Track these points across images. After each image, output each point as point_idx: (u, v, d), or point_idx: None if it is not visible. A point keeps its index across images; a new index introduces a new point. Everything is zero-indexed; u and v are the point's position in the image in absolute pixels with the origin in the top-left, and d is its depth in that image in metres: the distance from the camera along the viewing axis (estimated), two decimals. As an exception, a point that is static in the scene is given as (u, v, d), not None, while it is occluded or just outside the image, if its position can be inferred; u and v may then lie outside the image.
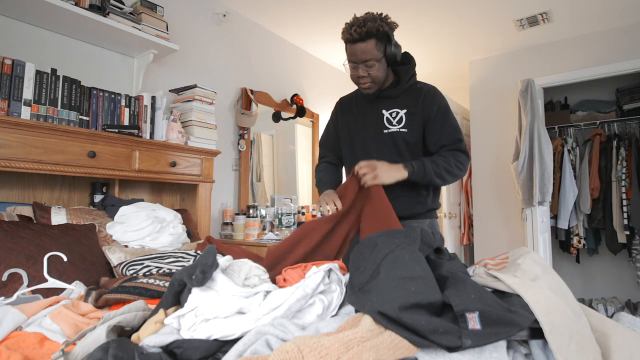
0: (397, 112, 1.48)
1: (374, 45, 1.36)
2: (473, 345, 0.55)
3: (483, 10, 2.98)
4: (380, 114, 1.50)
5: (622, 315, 0.81)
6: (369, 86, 1.44)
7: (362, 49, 1.36)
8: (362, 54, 1.37)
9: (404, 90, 1.49)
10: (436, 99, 1.47)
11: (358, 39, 1.35)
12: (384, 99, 1.51)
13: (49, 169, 1.62)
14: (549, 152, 3.29)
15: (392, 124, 1.48)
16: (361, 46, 1.36)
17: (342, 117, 1.64)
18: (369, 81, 1.42)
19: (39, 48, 1.92)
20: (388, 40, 1.39)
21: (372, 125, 1.52)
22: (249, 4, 2.91)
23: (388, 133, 1.49)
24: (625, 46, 3.21)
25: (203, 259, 0.81)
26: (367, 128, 1.53)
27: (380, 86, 1.47)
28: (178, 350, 0.69)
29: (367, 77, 1.41)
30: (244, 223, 2.58)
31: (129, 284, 1.12)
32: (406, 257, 0.71)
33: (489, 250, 3.76)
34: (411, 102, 1.47)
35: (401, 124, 1.47)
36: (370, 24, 1.34)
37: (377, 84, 1.45)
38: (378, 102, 1.52)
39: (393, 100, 1.50)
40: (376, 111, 1.52)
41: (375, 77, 1.42)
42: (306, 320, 0.74)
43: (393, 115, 1.49)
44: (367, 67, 1.39)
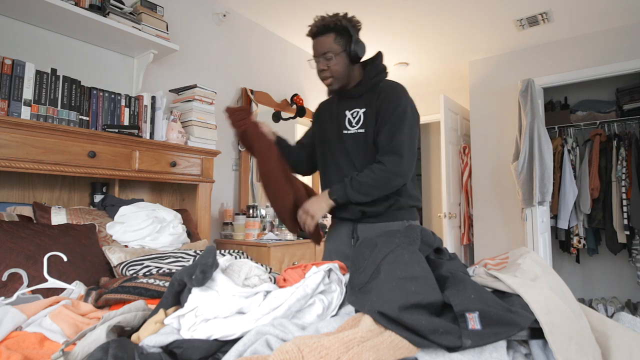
0: (357, 111, 1.46)
1: (332, 39, 1.39)
2: (473, 345, 0.55)
3: (483, 10, 2.98)
4: (343, 114, 1.48)
5: (622, 315, 0.81)
6: (330, 81, 1.43)
7: (321, 42, 1.40)
8: (320, 47, 1.40)
9: (366, 89, 1.45)
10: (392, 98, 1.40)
11: (316, 33, 1.41)
12: (349, 99, 1.48)
13: (49, 169, 1.62)
14: (549, 152, 3.29)
15: (352, 125, 1.46)
16: (320, 39, 1.40)
17: (317, 121, 1.62)
18: (329, 75, 1.42)
19: (39, 48, 1.92)
20: (349, 36, 1.40)
21: (335, 127, 1.50)
22: (249, 4, 2.91)
23: (347, 134, 1.46)
24: (625, 46, 3.21)
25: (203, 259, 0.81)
26: (332, 130, 1.51)
27: (342, 83, 1.44)
28: (178, 350, 0.69)
29: (327, 71, 1.41)
30: (244, 223, 2.58)
31: (129, 284, 1.12)
32: (406, 257, 0.71)
33: (489, 250, 3.76)
34: (370, 101, 1.43)
35: (359, 124, 1.44)
36: (329, 19, 1.40)
37: (338, 80, 1.43)
38: (343, 102, 1.50)
39: (356, 99, 1.47)
40: (341, 112, 1.50)
41: (335, 71, 1.40)
42: (306, 320, 0.74)
43: (354, 116, 1.46)
44: (326, 60, 1.40)
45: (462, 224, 4.08)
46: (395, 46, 3.63)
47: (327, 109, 1.58)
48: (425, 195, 5.72)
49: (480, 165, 3.90)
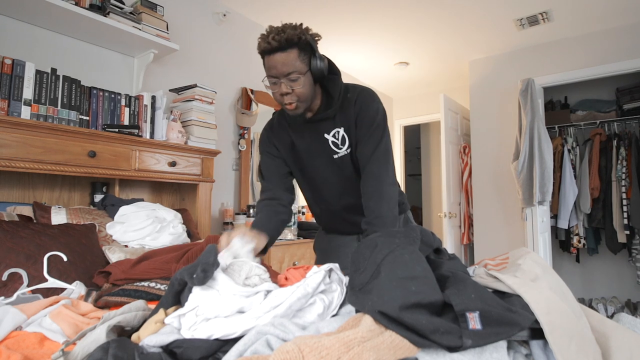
0: (337, 131, 1.32)
1: (296, 55, 1.16)
2: (473, 345, 0.55)
3: (483, 10, 2.98)
4: (324, 139, 1.33)
5: (622, 315, 0.81)
6: (295, 106, 1.22)
7: (283, 59, 1.16)
8: (283, 65, 1.16)
9: (338, 106, 1.30)
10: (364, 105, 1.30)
11: (277, 48, 1.15)
12: (322, 121, 1.32)
13: (49, 169, 1.62)
14: (549, 152, 3.29)
15: (338, 147, 1.33)
16: (282, 56, 1.15)
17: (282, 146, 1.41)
18: (294, 100, 1.21)
19: (39, 48, 1.92)
20: (312, 52, 1.21)
21: (320, 152, 1.35)
22: (249, 4, 2.91)
23: (338, 158, 1.34)
24: (625, 46, 3.21)
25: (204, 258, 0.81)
26: (317, 157, 1.36)
27: (307, 104, 1.26)
28: (178, 349, 0.69)
29: (291, 95, 1.20)
30: (245, 223, 2.59)
31: (129, 287, 1.12)
32: (406, 257, 0.71)
33: (489, 250, 3.77)
34: (346, 117, 1.30)
35: (345, 144, 1.32)
36: (290, 31, 1.15)
37: (303, 103, 1.23)
38: (315, 125, 1.33)
39: (332, 121, 1.31)
40: (318, 136, 1.34)
41: (301, 94, 1.20)
42: (307, 319, 0.74)
43: (336, 137, 1.32)
44: (291, 82, 1.18)
45: (462, 223, 4.08)
46: (395, 46, 3.63)
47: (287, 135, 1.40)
48: (425, 195, 5.73)
49: (480, 164, 3.90)
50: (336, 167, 1.36)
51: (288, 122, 1.39)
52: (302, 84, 1.19)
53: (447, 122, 3.85)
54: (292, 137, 1.38)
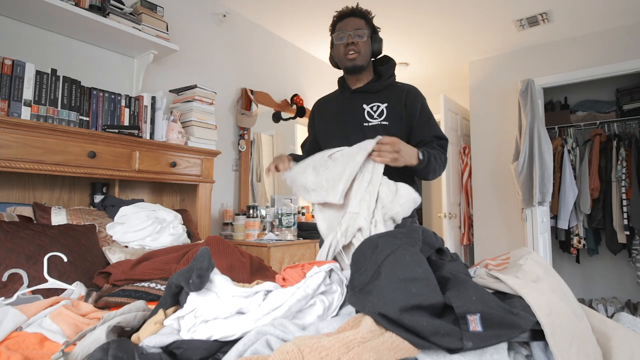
0: (378, 105, 1.48)
1: (364, 23, 1.47)
2: (474, 347, 0.55)
3: (483, 10, 2.98)
4: (361, 108, 1.50)
5: (622, 315, 0.81)
6: (356, 56, 1.45)
7: (354, 21, 1.46)
8: (353, 24, 1.45)
9: (384, 86, 1.50)
10: (419, 98, 1.49)
11: (351, 13, 1.47)
12: (365, 93, 1.51)
13: (49, 169, 1.61)
14: (549, 152, 3.29)
15: (373, 117, 1.47)
16: (352, 19, 1.46)
17: (320, 118, 1.63)
18: (356, 50, 1.44)
19: (39, 48, 1.92)
20: (374, 31, 1.50)
21: (351, 120, 1.51)
22: (249, 4, 2.91)
23: (369, 126, 1.47)
24: (625, 46, 3.21)
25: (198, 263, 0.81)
26: (347, 123, 1.52)
27: (364, 63, 1.48)
28: (178, 350, 0.69)
29: (355, 46, 1.44)
30: (244, 223, 2.58)
31: (130, 288, 1.12)
32: (407, 258, 0.70)
33: (489, 250, 3.76)
34: (393, 98, 1.48)
35: (382, 116, 1.46)
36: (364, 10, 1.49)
37: (362, 58, 1.46)
38: (358, 97, 1.52)
39: (374, 94, 1.50)
40: (356, 106, 1.51)
41: (362, 47, 1.45)
42: (306, 321, 0.74)
43: (374, 109, 1.48)
44: (358, 37, 1.44)
45: (462, 224, 4.08)
46: (395, 46, 3.63)
47: (334, 104, 1.59)
48: (425, 195, 5.73)
49: (480, 165, 3.90)
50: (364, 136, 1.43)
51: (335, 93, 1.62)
52: (365, 40, 1.45)
53: (447, 123, 3.85)
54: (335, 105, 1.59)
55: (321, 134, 1.62)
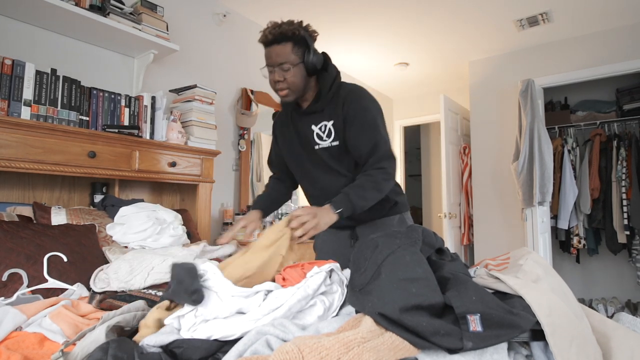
0: (324, 124, 1.39)
1: (290, 48, 1.31)
2: (474, 347, 0.55)
3: (483, 10, 2.98)
4: (310, 130, 1.42)
5: (622, 315, 0.81)
6: (286, 93, 1.34)
7: (277, 51, 1.31)
8: (277, 56, 1.31)
9: (328, 100, 1.39)
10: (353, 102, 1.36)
11: (273, 41, 1.31)
12: (312, 114, 1.42)
13: (49, 169, 1.61)
14: (549, 152, 3.29)
15: (322, 139, 1.39)
16: (276, 48, 1.31)
17: (281, 135, 1.56)
18: (285, 87, 1.33)
19: (39, 48, 1.92)
20: (306, 47, 1.34)
21: (304, 142, 1.44)
22: (249, 4, 2.91)
23: (320, 149, 1.40)
24: (625, 46, 3.21)
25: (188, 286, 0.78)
26: (300, 146, 1.46)
27: (298, 95, 1.37)
28: (178, 350, 0.69)
29: (283, 82, 1.32)
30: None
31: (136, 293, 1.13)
32: (407, 258, 0.70)
33: (489, 250, 3.76)
34: (335, 112, 1.38)
35: (331, 137, 1.38)
36: (286, 27, 1.30)
37: (294, 92, 1.35)
38: (307, 117, 1.43)
39: (320, 113, 1.40)
40: (306, 128, 1.43)
41: (292, 82, 1.32)
42: (307, 321, 0.74)
43: (322, 130, 1.40)
44: (283, 71, 1.31)
45: (462, 224, 4.08)
46: (395, 46, 3.63)
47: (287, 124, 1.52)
48: (425, 195, 5.73)
49: (480, 165, 3.90)
50: (317, 157, 1.43)
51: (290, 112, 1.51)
52: (293, 74, 1.32)
53: (447, 123, 3.85)
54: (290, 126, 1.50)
55: (284, 152, 1.56)
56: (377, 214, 1.43)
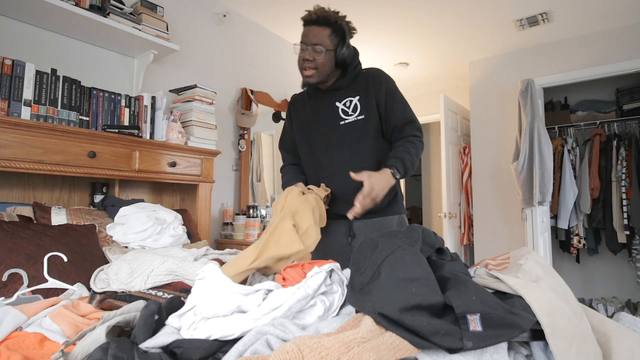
0: (350, 100, 1.44)
1: (327, 33, 1.36)
2: (474, 347, 0.55)
3: (483, 10, 2.98)
4: (334, 106, 1.46)
5: (622, 315, 0.81)
6: (312, 73, 1.38)
7: (315, 32, 1.36)
8: (313, 36, 1.36)
9: (352, 78, 1.46)
10: (382, 80, 1.45)
11: (315, 21, 1.36)
12: (335, 91, 1.47)
13: (49, 169, 1.61)
14: (549, 152, 3.29)
15: (348, 114, 1.44)
16: (315, 29, 1.36)
17: (296, 116, 1.59)
18: (312, 67, 1.37)
19: (39, 48, 1.92)
20: (343, 38, 1.39)
21: (327, 119, 1.47)
22: (249, 4, 2.91)
23: (345, 124, 1.44)
24: (625, 46, 3.21)
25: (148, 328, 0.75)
26: (323, 123, 1.48)
27: (322, 79, 1.42)
28: (178, 350, 0.69)
29: (311, 62, 1.37)
30: (244, 223, 2.58)
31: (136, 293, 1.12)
32: (407, 258, 0.70)
33: (489, 250, 3.76)
34: (362, 88, 1.44)
35: (357, 111, 1.43)
36: (331, 13, 1.37)
37: (319, 74, 1.39)
38: (329, 95, 1.48)
39: (344, 90, 1.46)
40: (329, 104, 1.47)
41: (320, 64, 1.37)
42: (307, 321, 0.74)
43: (347, 105, 1.44)
44: (315, 52, 1.36)
45: (462, 224, 4.08)
46: (395, 46, 3.63)
47: (307, 103, 1.55)
48: (425, 195, 5.72)
49: (480, 165, 3.90)
50: (342, 135, 1.45)
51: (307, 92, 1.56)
52: (323, 57, 1.36)
53: (447, 123, 3.85)
54: (308, 107, 1.54)
55: (298, 134, 1.58)
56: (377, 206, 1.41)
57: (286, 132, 1.66)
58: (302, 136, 1.56)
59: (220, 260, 1.32)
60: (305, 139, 1.55)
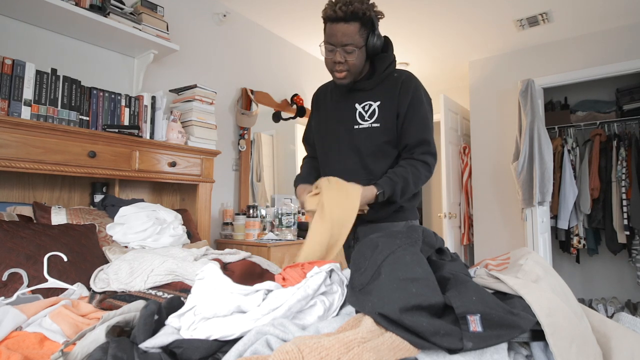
0: (370, 104, 1.35)
1: (357, 29, 1.23)
2: (474, 347, 0.55)
3: (483, 10, 2.98)
4: (353, 107, 1.38)
5: (622, 315, 0.81)
6: (345, 75, 1.30)
7: (344, 30, 1.23)
8: (342, 36, 1.23)
9: (379, 80, 1.35)
10: (410, 90, 1.33)
11: (342, 18, 1.22)
12: (358, 91, 1.38)
13: (49, 169, 1.61)
14: (549, 152, 3.29)
15: (364, 119, 1.35)
16: (343, 27, 1.23)
17: (317, 111, 1.53)
18: (345, 69, 1.29)
19: (39, 48, 1.92)
20: (372, 28, 1.28)
21: (343, 120, 1.40)
22: (249, 4, 2.91)
23: (359, 129, 1.36)
24: (625, 46, 3.21)
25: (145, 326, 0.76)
26: (339, 124, 1.41)
27: (355, 77, 1.33)
28: (178, 350, 0.69)
29: (343, 64, 1.28)
30: (244, 223, 2.58)
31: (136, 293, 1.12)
32: (407, 258, 0.70)
33: (489, 250, 3.76)
34: (386, 94, 1.34)
35: (373, 117, 1.34)
36: (357, 5, 1.21)
37: (352, 74, 1.31)
38: (352, 94, 1.39)
39: (367, 92, 1.37)
40: (349, 105, 1.39)
41: (353, 65, 1.28)
42: (307, 321, 0.74)
43: (366, 109, 1.36)
44: (346, 53, 1.26)
45: (462, 224, 4.07)
46: (395, 46, 3.60)
47: (330, 99, 1.48)
48: (425, 195, 5.72)
49: (480, 165, 3.90)
50: (353, 139, 1.37)
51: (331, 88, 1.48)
52: (356, 56, 1.26)
53: (447, 123, 3.85)
54: (329, 102, 1.47)
55: (316, 128, 1.53)
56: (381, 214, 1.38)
57: (310, 124, 1.60)
58: (318, 132, 1.51)
59: (220, 260, 1.31)
60: (321, 135, 1.50)
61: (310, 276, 0.80)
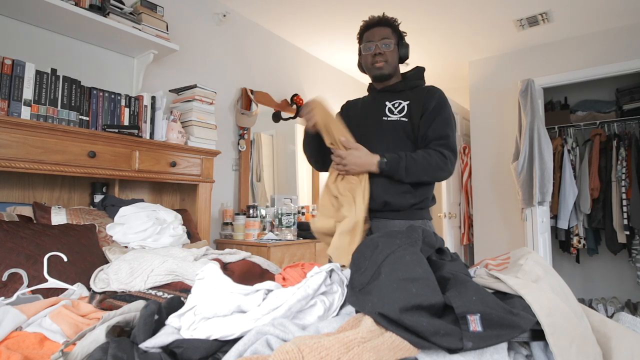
0: (399, 102, 1.52)
1: (390, 32, 1.52)
2: (474, 347, 0.55)
3: (483, 10, 2.98)
4: (384, 105, 1.54)
5: (622, 315, 0.81)
6: (383, 65, 1.50)
7: (380, 31, 1.51)
8: (379, 34, 1.51)
9: (409, 86, 1.54)
10: (436, 96, 1.50)
11: (377, 23, 1.53)
12: (389, 92, 1.56)
13: (49, 169, 1.61)
14: (549, 152, 3.29)
15: (392, 113, 1.51)
16: (379, 29, 1.52)
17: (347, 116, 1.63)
18: (383, 60, 1.50)
19: (39, 48, 1.92)
20: (401, 37, 1.56)
21: (373, 114, 1.55)
22: (249, 4, 2.91)
23: (388, 120, 1.50)
24: (625, 46, 3.21)
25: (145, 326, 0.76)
26: (369, 117, 1.56)
27: (391, 71, 1.53)
28: (178, 350, 0.69)
29: (382, 55, 1.49)
30: (244, 223, 2.58)
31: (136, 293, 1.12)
32: (407, 258, 0.70)
33: (489, 250, 3.76)
34: (415, 97, 1.51)
35: (402, 112, 1.49)
36: (388, 17, 1.55)
37: (390, 65, 1.51)
38: (383, 95, 1.56)
39: (398, 93, 1.54)
40: (379, 103, 1.55)
41: (390, 56, 1.50)
42: (307, 321, 0.74)
43: (395, 106, 1.52)
44: (385, 46, 1.49)
45: (462, 224, 4.08)
46: (395, 46, 3.63)
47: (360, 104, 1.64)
48: (425, 195, 5.71)
49: (480, 165, 3.90)
50: (382, 130, 1.51)
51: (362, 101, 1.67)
52: (392, 50, 1.52)
53: (447, 123, 3.84)
54: (360, 105, 1.65)
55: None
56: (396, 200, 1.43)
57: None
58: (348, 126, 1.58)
59: (220, 260, 1.31)
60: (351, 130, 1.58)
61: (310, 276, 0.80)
